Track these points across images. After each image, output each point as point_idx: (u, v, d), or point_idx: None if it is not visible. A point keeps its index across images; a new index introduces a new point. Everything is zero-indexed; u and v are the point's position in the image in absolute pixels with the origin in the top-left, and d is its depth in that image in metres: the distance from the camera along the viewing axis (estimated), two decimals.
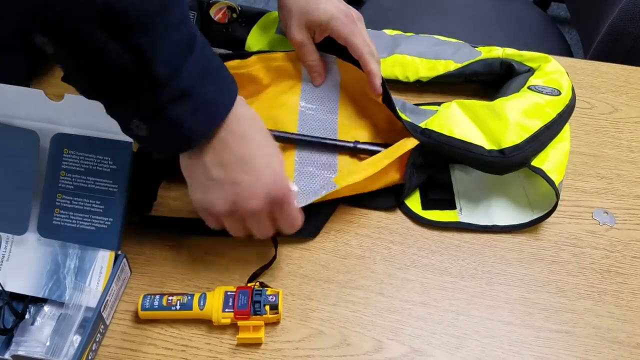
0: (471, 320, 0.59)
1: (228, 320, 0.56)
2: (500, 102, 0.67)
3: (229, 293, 0.57)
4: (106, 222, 0.57)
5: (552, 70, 0.71)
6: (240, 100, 0.52)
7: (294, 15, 0.68)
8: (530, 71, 0.73)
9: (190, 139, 0.50)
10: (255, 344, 0.57)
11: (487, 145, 0.63)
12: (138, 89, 0.46)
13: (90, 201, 0.57)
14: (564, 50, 1.14)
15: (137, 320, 0.58)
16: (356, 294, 0.61)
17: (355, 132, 0.70)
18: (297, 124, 0.70)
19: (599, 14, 1.00)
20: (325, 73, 0.72)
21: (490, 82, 0.77)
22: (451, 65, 0.75)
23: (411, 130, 0.65)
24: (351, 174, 0.63)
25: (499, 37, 1.13)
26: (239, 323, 0.56)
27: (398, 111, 0.66)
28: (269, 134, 0.55)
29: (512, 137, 0.63)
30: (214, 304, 0.57)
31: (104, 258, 0.57)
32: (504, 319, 0.59)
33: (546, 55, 0.74)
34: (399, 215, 0.67)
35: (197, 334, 0.57)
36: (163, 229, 0.64)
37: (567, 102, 0.68)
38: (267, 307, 0.56)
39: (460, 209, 0.67)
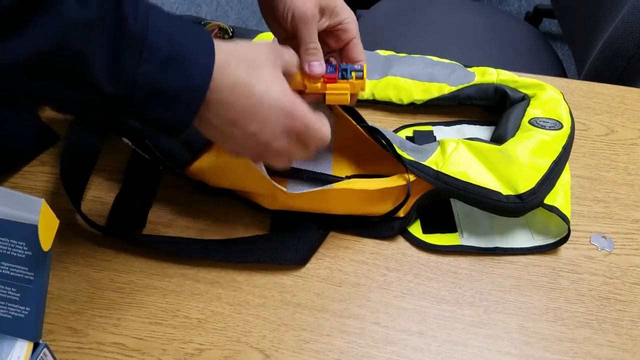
0: (470, 350, 0.58)
1: (318, 85, 0.58)
2: (509, 146, 0.66)
3: None
4: (23, 311, 0.52)
5: (549, 98, 0.71)
6: (218, 50, 0.47)
7: None
8: (526, 99, 0.72)
9: (182, 124, 0.48)
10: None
11: (503, 191, 0.62)
12: (104, 109, 0.46)
13: (6, 288, 0.52)
14: (556, 66, 1.14)
15: None
16: (351, 324, 0.59)
17: (350, 168, 0.69)
18: None
19: (593, 33, 1.00)
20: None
21: (484, 106, 0.76)
22: (445, 89, 0.74)
23: (424, 175, 0.63)
24: (347, 184, 0.62)
25: (491, 54, 1.13)
26: (328, 87, 0.58)
27: (398, 149, 0.64)
28: (256, 63, 0.50)
29: (526, 181, 0.62)
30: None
31: (22, 348, 0.52)
32: (503, 349, 0.58)
33: (541, 82, 0.73)
34: (394, 241, 0.65)
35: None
36: (153, 247, 0.63)
37: (569, 132, 0.68)
38: (354, 74, 0.58)
39: (462, 232, 0.66)
